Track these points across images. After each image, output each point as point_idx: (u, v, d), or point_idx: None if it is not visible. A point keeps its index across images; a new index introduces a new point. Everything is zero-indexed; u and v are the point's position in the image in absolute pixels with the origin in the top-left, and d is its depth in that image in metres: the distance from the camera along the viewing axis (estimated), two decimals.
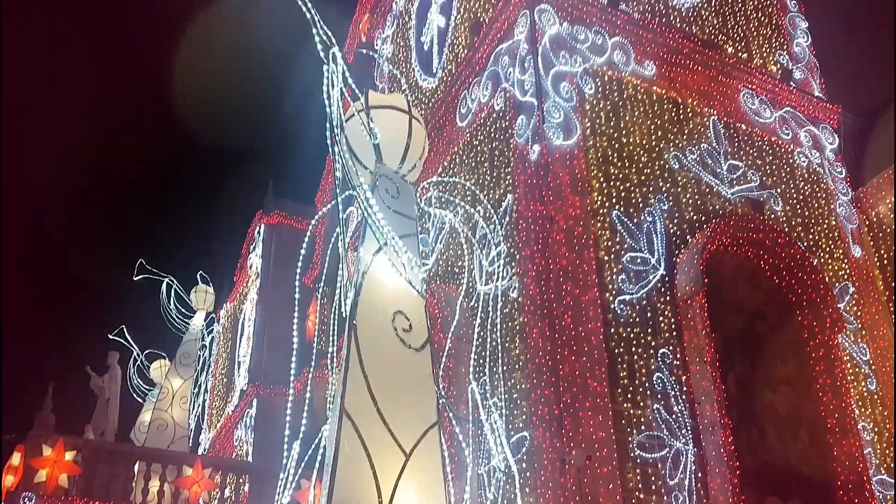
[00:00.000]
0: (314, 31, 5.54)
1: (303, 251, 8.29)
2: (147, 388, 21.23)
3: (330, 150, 5.95)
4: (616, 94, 13.75)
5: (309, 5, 5.38)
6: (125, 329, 20.15)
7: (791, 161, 15.19)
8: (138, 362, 20.85)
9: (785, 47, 16.68)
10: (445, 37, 17.01)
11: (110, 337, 20.12)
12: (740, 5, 16.58)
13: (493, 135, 14.13)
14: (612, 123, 13.40)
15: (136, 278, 20.20)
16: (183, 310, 20.72)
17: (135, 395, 21.16)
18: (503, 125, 13.80)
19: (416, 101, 17.66)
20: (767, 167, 14.75)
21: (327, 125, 5.85)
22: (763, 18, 16.75)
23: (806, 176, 15.20)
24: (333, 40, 5.65)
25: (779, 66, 16.27)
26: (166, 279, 20.61)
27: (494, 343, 9.48)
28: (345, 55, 5.97)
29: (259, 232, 29.19)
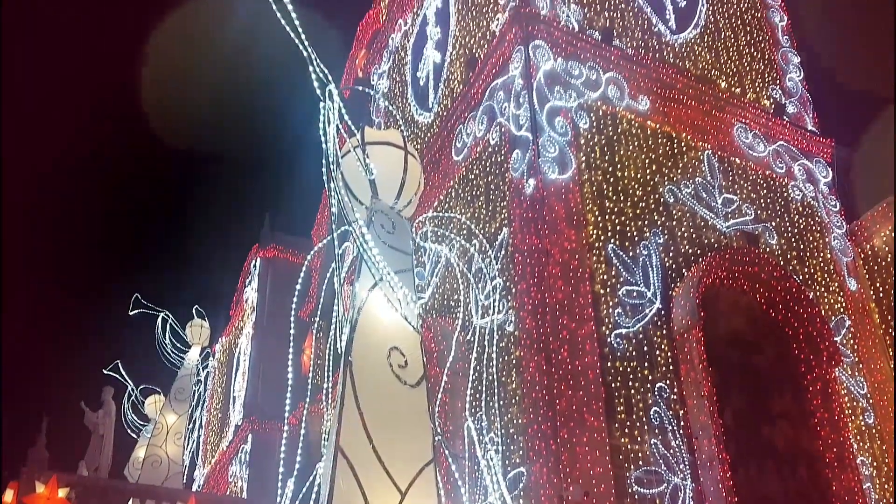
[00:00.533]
0: (311, 69, 5.59)
1: (299, 285, 8.28)
2: (141, 423, 21.07)
3: (326, 186, 5.97)
4: (610, 128, 13.83)
5: (306, 44, 5.43)
6: (120, 364, 20.04)
7: (785, 194, 15.26)
8: (133, 398, 20.71)
9: (778, 82, 16.83)
10: (441, 72, 17.15)
11: (105, 372, 20.01)
12: (733, 41, 16.75)
13: (488, 169, 14.19)
14: (606, 157, 13.47)
15: (131, 313, 20.14)
16: (178, 344, 20.63)
17: (129, 431, 21.00)
18: (499, 159, 13.86)
19: (413, 135, 17.75)
20: (762, 201, 14.81)
21: (323, 162, 5.88)
22: (756, 54, 16.92)
23: (800, 209, 15.26)
24: (330, 78, 5.70)
25: (772, 100, 16.40)
26: (162, 313, 20.54)
27: (491, 377, 9.44)
28: (341, 91, 6.01)
29: (255, 265, 29.16)
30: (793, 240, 14.74)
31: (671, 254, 13.14)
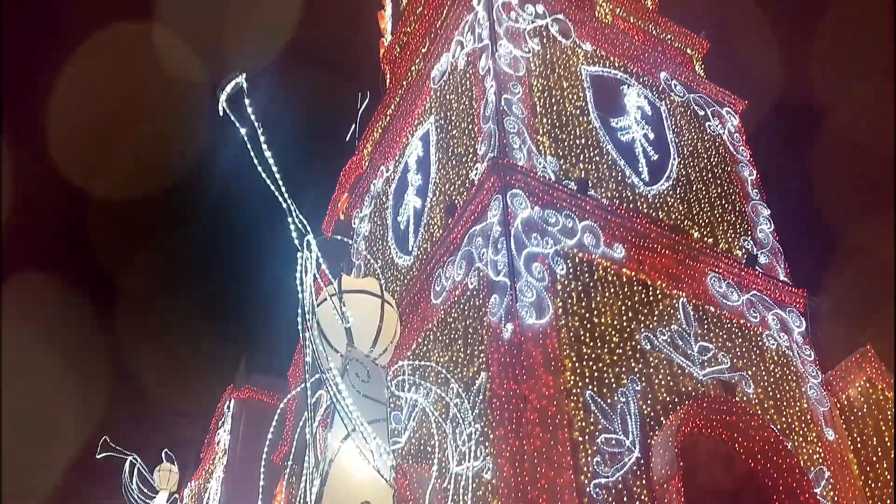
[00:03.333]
0: (289, 219, 5.73)
1: (271, 433, 8.13)
2: None
3: (301, 336, 6.00)
4: (587, 275, 14.05)
5: (286, 195, 5.60)
6: None
7: (760, 343, 15.38)
8: None
9: (749, 233, 17.29)
10: (421, 217, 17.52)
11: None
12: (704, 193, 17.31)
13: (466, 313, 14.27)
14: (583, 304, 13.62)
15: (98, 456, 19.53)
16: (145, 490, 19.92)
17: None
18: (477, 303, 13.97)
19: (392, 278, 17.93)
20: (737, 349, 14.91)
21: (299, 311, 5.93)
22: (727, 205, 17.47)
23: (776, 358, 15.35)
24: (308, 228, 5.84)
25: (744, 250, 16.79)
26: (130, 457, 19.93)
27: None
28: (321, 241, 6.13)
29: (228, 407, 28.65)
30: (769, 389, 14.75)
31: (649, 401, 13.08)
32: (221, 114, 5.34)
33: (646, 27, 20.30)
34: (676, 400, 13.33)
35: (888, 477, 14.20)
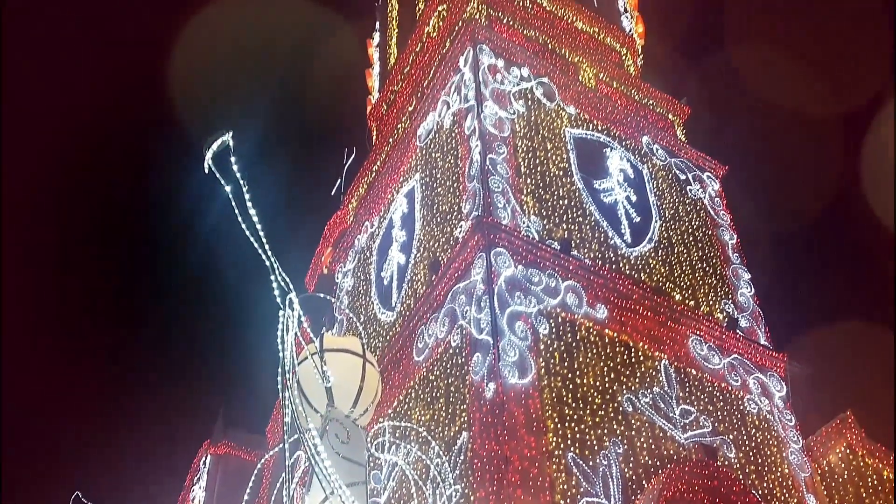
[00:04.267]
0: (272, 277, 5.73)
1: (248, 494, 7.98)
2: None
3: (280, 395, 5.95)
4: (569, 335, 14.05)
5: (269, 253, 5.60)
6: None
7: (742, 407, 15.35)
8: None
9: (730, 297, 17.38)
10: (405, 273, 17.53)
11: None
12: (686, 256, 17.45)
13: (449, 370, 14.21)
14: (566, 364, 13.59)
15: None
16: None
17: None
18: (459, 361, 13.92)
19: (375, 333, 17.85)
20: (719, 413, 14.87)
21: (279, 371, 5.90)
22: (708, 269, 17.59)
23: (757, 423, 15.31)
24: (291, 286, 5.83)
25: (725, 314, 16.86)
26: None
27: None
28: (303, 299, 6.12)
29: (205, 463, 28.10)
30: (751, 454, 14.68)
31: (630, 464, 12.99)
32: (207, 171, 5.36)
33: (628, 92, 20.66)
34: (658, 463, 13.24)
35: None
